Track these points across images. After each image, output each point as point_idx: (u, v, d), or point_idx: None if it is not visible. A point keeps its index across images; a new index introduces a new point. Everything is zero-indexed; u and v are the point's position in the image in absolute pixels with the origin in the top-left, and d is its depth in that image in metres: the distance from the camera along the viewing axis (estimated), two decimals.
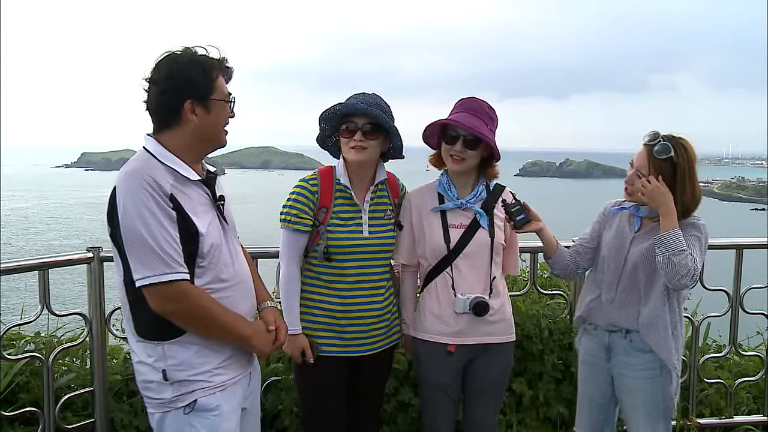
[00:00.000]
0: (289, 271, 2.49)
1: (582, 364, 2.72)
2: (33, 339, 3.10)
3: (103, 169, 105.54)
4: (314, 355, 2.47)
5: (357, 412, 2.68)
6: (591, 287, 2.66)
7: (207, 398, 1.93)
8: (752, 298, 3.53)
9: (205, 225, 1.91)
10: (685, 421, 3.46)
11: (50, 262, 2.82)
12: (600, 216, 2.70)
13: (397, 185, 2.65)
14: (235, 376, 2.03)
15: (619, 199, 2.67)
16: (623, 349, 2.54)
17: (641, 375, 2.50)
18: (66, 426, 2.89)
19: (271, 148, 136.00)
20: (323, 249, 2.44)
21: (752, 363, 3.75)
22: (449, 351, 2.54)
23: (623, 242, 2.55)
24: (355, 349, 2.52)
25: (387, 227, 2.55)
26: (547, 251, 2.67)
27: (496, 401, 2.70)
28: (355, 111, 2.42)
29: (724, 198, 71.81)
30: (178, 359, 1.91)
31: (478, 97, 2.55)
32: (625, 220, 2.60)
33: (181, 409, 1.92)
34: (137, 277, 1.82)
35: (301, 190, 2.47)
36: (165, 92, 1.90)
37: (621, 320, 2.53)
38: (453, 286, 2.53)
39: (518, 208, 2.49)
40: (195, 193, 1.94)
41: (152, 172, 1.84)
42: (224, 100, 1.97)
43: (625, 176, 2.56)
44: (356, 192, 2.50)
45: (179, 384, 1.91)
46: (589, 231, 2.70)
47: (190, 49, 1.93)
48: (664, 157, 2.37)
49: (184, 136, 1.93)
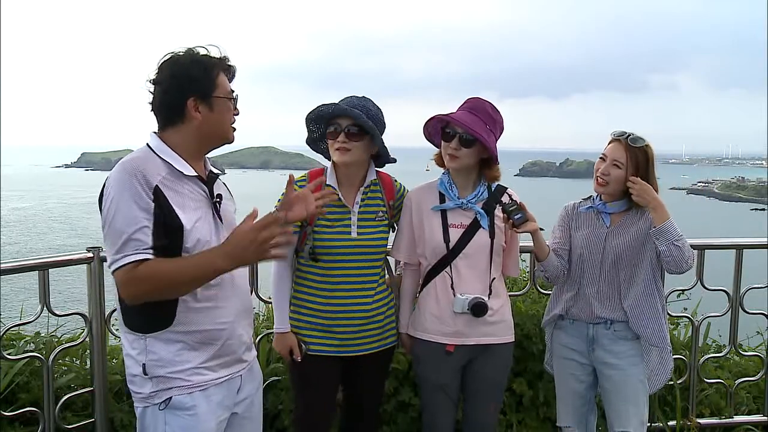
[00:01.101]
0: (279, 270, 2.54)
1: (558, 359, 2.80)
2: (33, 339, 3.10)
3: (103, 169, 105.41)
4: (302, 354, 2.49)
5: (355, 412, 2.69)
6: (566, 285, 2.76)
7: (183, 397, 1.92)
8: (752, 298, 3.53)
9: (192, 220, 1.91)
10: (685, 421, 3.46)
11: (50, 262, 2.82)
12: (564, 218, 2.80)
13: (393, 186, 2.65)
14: (219, 377, 2.00)
15: (575, 200, 2.82)
16: (608, 339, 2.67)
17: (627, 362, 2.64)
18: (66, 426, 2.89)
19: (271, 148, 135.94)
20: (309, 249, 2.47)
21: (752, 363, 3.75)
22: (448, 351, 2.55)
23: (599, 238, 2.67)
24: (347, 349, 2.53)
25: (378, 228, 2.55)
26: (540, 254, 2.70)
27: (495, 402, 2.70)
28: (337, 113, 2.44)
29: (724, 198, 71.81)
30: (158, 355, 1.91)
31: (484, 98, 2.55)
32: (593, 217, 2.72)
33: (157, 405, 1.92)
34: (109, 262, 1.86)
35: None
36: (168, 91, 1.93)
37: (604, 312, 2.65)
38: (452, 286, 2.53)
39: (515, 207, 2.51)
40: (188, 188, 1.95)
41: (144, 164, 1.88)
42: (227, 98, 1.99)
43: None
44: (345, 193, 2.52)
45: (158, 380, 1.91)
46: (560, 234, 2.78)
47: (191, 50, 1.96)
48: (640, 145, 2.57)
49: (188, 133, 1.96)
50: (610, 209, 2.68)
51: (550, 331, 2.86)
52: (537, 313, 3.40)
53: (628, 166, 2.57)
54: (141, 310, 1.89)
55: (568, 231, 2.77)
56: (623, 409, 2.64)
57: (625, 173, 2.57)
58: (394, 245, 2.67)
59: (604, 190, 2.65)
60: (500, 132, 2.56)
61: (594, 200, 2.75)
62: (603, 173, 2.61)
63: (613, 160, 2.59)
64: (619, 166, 2.58)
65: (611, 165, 2.60)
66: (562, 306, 2.75)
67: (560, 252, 2.75)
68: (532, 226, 2.55)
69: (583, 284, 2.70)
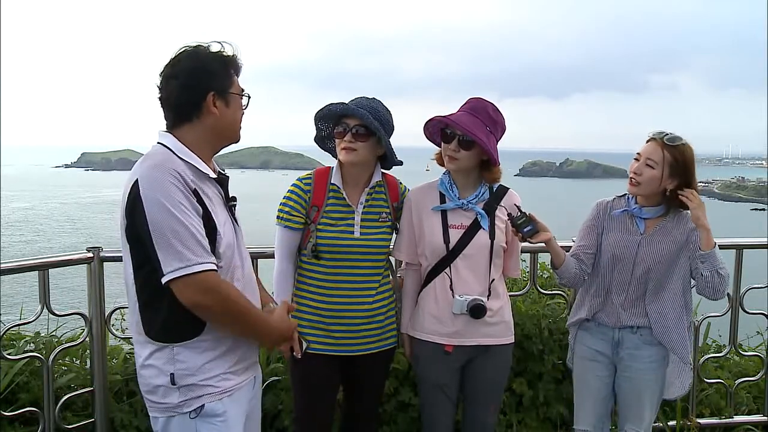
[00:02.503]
0: (282, 267, 2.54)
1: (582, 360, 2.74)
2: (33, 339, 3.09)
3: (103, 169, 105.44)
4: (302, 351, 2.48)
5: (355, 411, 2.69)
6: (593, 290, 2.68)
7: (214, 404, 1.90)
8: (752, 298, 3.53)
9: (222, 224, 1.90)
10: (685, 421, 3.46)
11: (50, 262, 2.82)
12: (595, 219, 2.69)
13: (398, 188, 2.65)
14: (242, 381, 2.00)
15: (607, 198, 2.71)
16: (633, 344, 2.63)
17: (649, 367, 2.62)
18: (66, 426, 2.89)
19: (271, 148, 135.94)
20: (311, 247, 2.47)
21: (752, 363, 3.75)
22: (446, 351, 2.55)
23: (631, 244, 2.58)
24: (346, 349, 2.53)
25: (381, 229, 2.55)
26: (555, 261, 2.64)
27: (495, 402, 2.70)
28: (346, 112, 2.45)
29: (724, 198, 71.78)
30: (187, 363, 1.87)
31: (486, 99, 2.53)
32: (627, 221, 2.62)
33: (186, 414, 1.88)
34: (168, 269, 1.76)
35: (295, 188, 2.53)
36: (187, 85, 1.87)
37: (630, 319, 2.61)
38: (451, 287, 2.52)
39: (524, 220, 2.46)
40: (211, 191, 1.93)
41: (175, 166, 1.82)
42: (241, 94, 1.98)
43: (625, 175, 2.57)
44: (350, 193, 2.52)
45: (187, 388, 1.88)
46: (586, 236, 2.69)
47: (203, 45, 1.93)
48: (677, 144, 2.48)
49: (203, 129, 1.92)
50: (645, 214, 2.57)
51: (575, 332, 2.80)
52: (537, 313, 3.40)
53: (664, 167, 2.47)
54: (169, 319, 1.84)
55: (597, 233, 2.67)
56: (638, 410, 2.63)
57: (660, 174, 2.48)
58: (396, 245, 2.67)
59: (636, 190, 2.55)
60: (501, 133, 2.52)
61: (629, 202, 2.63)
62: (635, 172, 2.52)
63: (647, 159, 2.50)
64: (653, 166, 2.49)
65: (644, 164, 2.50)
66: (588, 310, 2.68)
67: (583, 256, 2.67)
68: (545, 236, 2.49)
69: (611, 291, 2.63)
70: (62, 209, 50.41)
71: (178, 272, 1.76)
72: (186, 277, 1.76)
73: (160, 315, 1.85)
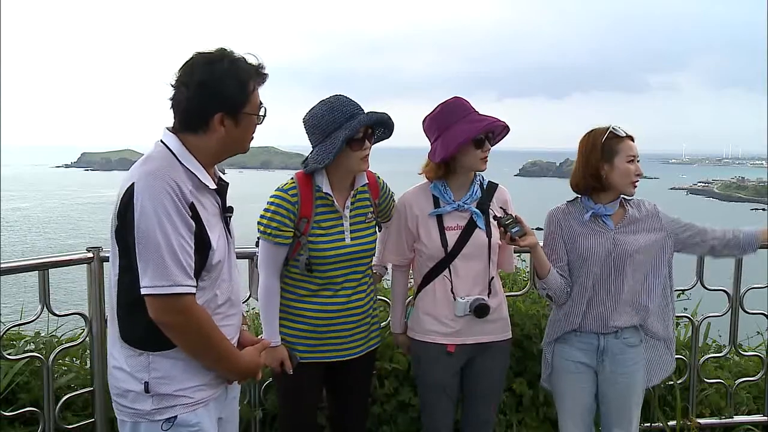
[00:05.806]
0: (269, 283, 2.45)
1: (565, 374, 2.62)
2: (33, 339, 3.10)
3: (103, 169, 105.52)
4: (293, 365, 2.44)
5: (343, 411, 2.68)
6: (575, 299, 2.57)
7: (188, 414, 1.86)
8: (752, 298, 3.53)
9: (216, 239, 1.86)
10: (685, 421, 3.46)
11: (50, 262, 2.82)
12: (557, 230, 2.58)
13: (378, 184, 2.59)
14: (216, 391, 1.96)
15: (559, 206, 2.63)
16: (618, 349, 2.58)
17: (633, 369, 2.60)
18: (66, 426, 2.89)
19: (271, 148, 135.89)
20: (305, 261, 2.39)
21: (752, 363, 3.74)
22: (449, 351, 2.54)
23: (606, 242, 2.51)
24: (333, 355, 2.50)
25: (368, 231, 2.52)
26: (540, 271, 2.54)
27: (494, 400, 2.70)
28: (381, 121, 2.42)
29: (724, 198, 71.82)
30: (162, 372, 1.83)
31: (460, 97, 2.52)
32: (592, 223, 2.54)
33: (158, 422, 1.84)
34: (145, 283, 1.73)
35: (281, 201, 2.38)
36: (194, 100, 1.81)
37: (620, 319, 2.55)
38: (452, 289, 2.52)
39: (511, 221, 2.43)
40: (209, 202, 1.88)
41: (174, 176, 1.76)
42: (255, 114, 1.89)
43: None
44: (338, 198, 2.45)
45: (160, 397, 1.83)
46: (555, 249, 2.58)
47: (226, 52, 1.83)
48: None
49: (207, 142, 1.85)
50: (609, 210, 2.53)
51: (551, 349, 2.66)
52: (537, 313, 3.40)
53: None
54: (150, 327, 1.78)
55: (562, 245, 2.57)
56: (626, 414, 2.60)
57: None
58: (386, 248, 2.64)
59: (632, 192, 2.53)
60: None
61: (584, 202, 2.56)
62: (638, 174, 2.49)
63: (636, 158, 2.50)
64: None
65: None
66: (574, 320, 2.57)
67: (560, 270, 2.57)
68: (532, 240, 2.44)
69: (596, 295, 2.54)
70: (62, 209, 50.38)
71: (154, 290, 1.73)
72: (158, 296, 1.74)
73: (140, 320, 1.79)
